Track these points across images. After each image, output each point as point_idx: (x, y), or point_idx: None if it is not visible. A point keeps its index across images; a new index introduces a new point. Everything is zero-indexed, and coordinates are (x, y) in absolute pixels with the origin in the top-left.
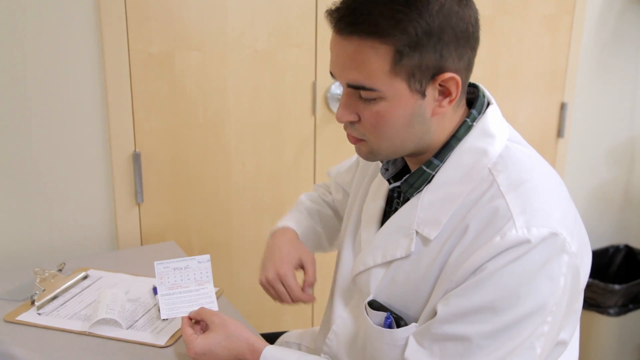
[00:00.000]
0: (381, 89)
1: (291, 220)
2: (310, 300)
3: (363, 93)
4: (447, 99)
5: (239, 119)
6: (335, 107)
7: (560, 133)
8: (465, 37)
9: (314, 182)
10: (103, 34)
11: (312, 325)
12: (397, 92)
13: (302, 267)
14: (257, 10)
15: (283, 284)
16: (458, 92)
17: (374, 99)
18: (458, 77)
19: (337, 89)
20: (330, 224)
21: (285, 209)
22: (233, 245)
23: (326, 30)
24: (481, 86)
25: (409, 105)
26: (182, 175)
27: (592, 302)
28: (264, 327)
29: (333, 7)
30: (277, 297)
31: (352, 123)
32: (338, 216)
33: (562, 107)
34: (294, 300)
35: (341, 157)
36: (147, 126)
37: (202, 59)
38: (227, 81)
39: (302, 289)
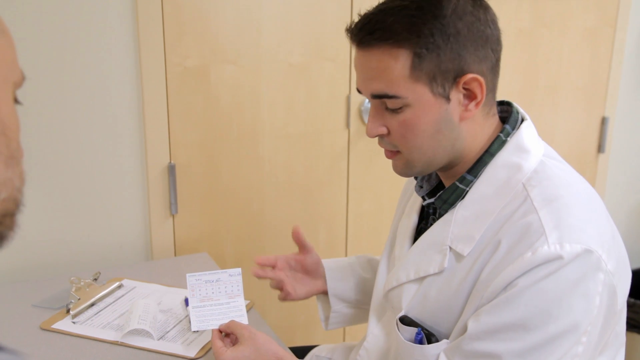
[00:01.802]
0: (404, 95)
1: (331, 263)
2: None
3: (388, 103)
4: (473, 102)
5: (272, 131)
6: None
7: (600, 148)
8: (483, 38)
9: (347, 196)
10: (141, 49)
11: (344, 340)
12: (420, 97)
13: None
14: (291, 24)
15: None
16: (483, 94)
17: (400, 108)
18: (481, 78)
19: None
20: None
21: (318, 222)
22: None
23: None
24: (515, 104)
25: (435, 111)
26: (215, 187)
27: (634, 322)
28: (295, 340)
29: (353, 23)
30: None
31: (382, 136)
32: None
33: (603, 121)
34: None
35: (374, 171)
36: (182, 138)
37: (237, 72)
38: (262, 94)
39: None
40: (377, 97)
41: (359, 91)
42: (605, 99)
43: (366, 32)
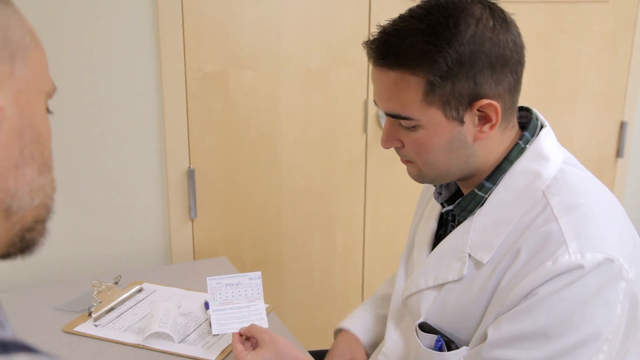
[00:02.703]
0: (417, 118)
1: (354, 321)
2: None
3: (402, 121)
4: (488, 125)
5: (290, 136)
6: None
7: (619, 153)
8: (501, 62)
9: (365, 200)
10: (161, 55)
11: None
12: (433, 120)
13: None
14: (309, 30)
15: None
16: (498, 118)
17: (414, 127)
18: (496, 104)
19: None
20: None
21: (335, 227)
22: (283, 261)
23: None
24: (534, 110)
25: (448, 132)
26: (234, 191)
27: None
28: (312, 344)
29: (370, 39)
30: None
31: (397, 148)
32: None
33: (622, 126)
34: None
35: (392, 176)
36: (202, 143)
37: (256, 78)
38: (280, 99)
39: None
40: (391, 116)
41: (375, 103)
42: (624, 104)
43: (381, 56)
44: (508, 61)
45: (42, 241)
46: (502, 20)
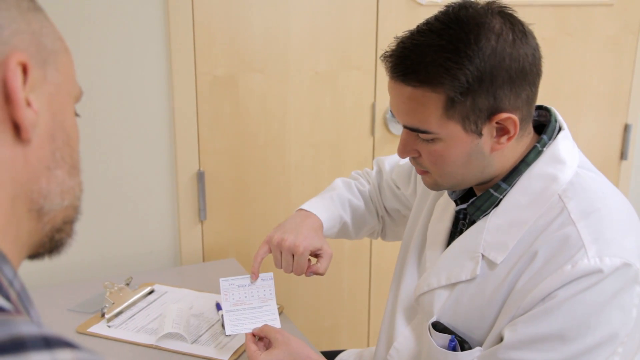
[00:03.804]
0: (436, 132)
1: (321, 209)
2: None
3: (420, 135)
4: (506, 137)
5: (299, 139)
6: (393, 128)
7: (623, 155)
8: (521, 76)
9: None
10: (172, 58)
11: (368, 345)
12: (452, 133)
13: (316, 255)
14: (318, 34)
15: (293, 258)
16: (517, 131)
17: (432, 140)
18: (515, 117)
19: None
20: (360, 215)
21: None
22: None
23: None
24: (554, 110)
25: (466, 145)
26: (243, 193)
27: None
28: (320, 345)
29: (387, 52)
30: (279, 263)
31: (414, 158)
32: (369, 208)
33: (626, 128)
34: (295, 274)
35: None
36: (211, 146)
37: (265, 81)
38: (288, 102)
39: (306, 271)
40: (409, 129)
41: (391, 114)
42: (628, 106)
43: (401, 72)
44: (527, 75)
45: (70, 242)
46: (522, 33)
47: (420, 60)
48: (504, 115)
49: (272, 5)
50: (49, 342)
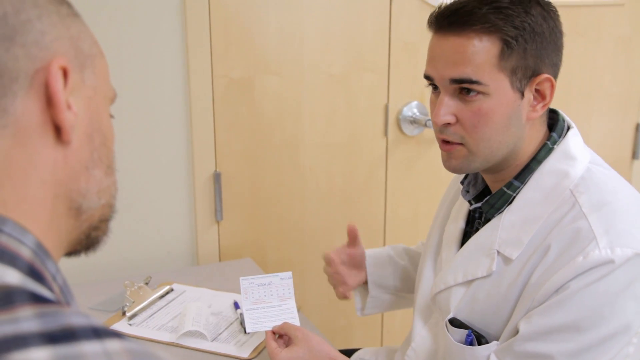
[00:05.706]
0: (487, 82)
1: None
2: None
3: (468, 86)
4: (541, 104)
5: (313, 140)
6: (407, 129)
7: (635, 155)
8: (558, 45)
9: (385, 203)
10: (189, 61)
11: (382, 343)
12: (500, 87)
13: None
14: (332, 37)
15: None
16: (552, 96)
17: (476, 95)
18: (553, 80)
19: (409, 111)
20: (402, 267)
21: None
22: (306, 263)
23: (398, 55)
24: (560, 112)
25: (510, 104)
26: (259, 194)
27: None
28: (334, 344)
29: (440, 9)
30: (329, 271)
31: (448, 125)
32: (413, 267)
33: (638, 128)
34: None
35: (412, 179)
36: (228, 147)
37: (280, 83)
38: (303, 104)
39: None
40: (457, 81)
41: (428, 77)
42: (639, 106)
43: (458, 19)
44: (560, 47)
45: (105, 239)
46: (556, 14)
47: (480, 7)
48: (544, 76)
49: (287, 9)
50: (99, 332)
